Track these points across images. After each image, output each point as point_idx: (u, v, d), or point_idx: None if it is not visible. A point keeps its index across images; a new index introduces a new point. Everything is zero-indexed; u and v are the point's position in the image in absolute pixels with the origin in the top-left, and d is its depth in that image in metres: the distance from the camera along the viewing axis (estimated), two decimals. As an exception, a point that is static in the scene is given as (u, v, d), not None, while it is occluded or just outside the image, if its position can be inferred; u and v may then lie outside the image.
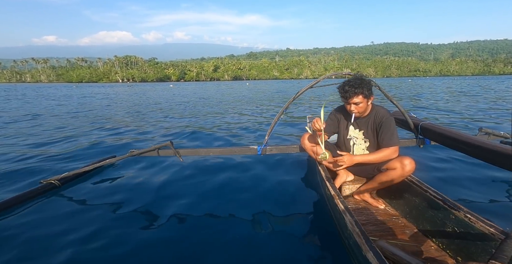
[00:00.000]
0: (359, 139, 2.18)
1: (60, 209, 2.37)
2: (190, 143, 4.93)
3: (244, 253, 1.79)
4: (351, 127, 2.20)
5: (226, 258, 1.75)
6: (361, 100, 1.97)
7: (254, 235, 1.99)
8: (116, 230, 2.05)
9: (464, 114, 7.83)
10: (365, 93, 1.95)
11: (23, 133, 5.93)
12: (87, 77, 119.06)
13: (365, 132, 2.15)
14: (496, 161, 1.80)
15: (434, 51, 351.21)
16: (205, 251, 1.81)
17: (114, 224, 2.15)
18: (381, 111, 2.10)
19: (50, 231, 2.03)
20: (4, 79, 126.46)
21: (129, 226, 2.12)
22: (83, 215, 2.27)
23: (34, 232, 2.01)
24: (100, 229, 2.05)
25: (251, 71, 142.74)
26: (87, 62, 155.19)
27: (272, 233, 2.01)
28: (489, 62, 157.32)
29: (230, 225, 2.13)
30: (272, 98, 16.02)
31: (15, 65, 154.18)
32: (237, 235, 1.98)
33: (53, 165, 3.54)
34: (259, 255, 1.77)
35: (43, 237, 1.96)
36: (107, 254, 1.79)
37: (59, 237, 1.96)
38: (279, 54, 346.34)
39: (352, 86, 1.94)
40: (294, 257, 1.75)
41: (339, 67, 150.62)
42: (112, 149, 4.29)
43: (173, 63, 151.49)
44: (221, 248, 1.84)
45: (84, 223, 2.14)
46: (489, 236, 1.40)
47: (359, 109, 2.01)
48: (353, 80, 1.98)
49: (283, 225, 2.11)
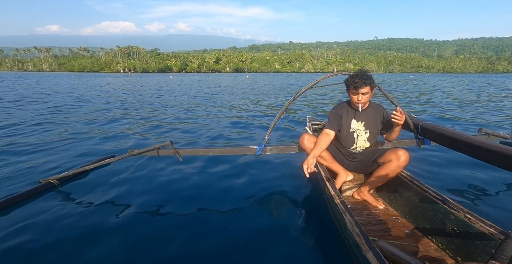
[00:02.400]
0: (361, 130, 2.32)
1: (59, 208, 2.35)
2: (189, 142, 4.90)
3: (243, 253, 1.80)
4: (353, 120, 2.32)
5: (226, 257, 1.76)
6: (368, 91, 2.15)
7: (253, 235, 1.99)
8: (116, 229, 2.05)
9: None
10: (371, 84, 2.16)
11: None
12: (89, 66, 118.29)
13: (366, 124, 2.30)
14: (496, 162, 1.80)
15: (438, 48, 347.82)
16: (205, 251, 1.81)
17: (114, 223, 2.14)
18: (378, 105, 2.37)
19: (49, 231, 2.02)
20: (5, 67, 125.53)
21: (128, 225, 2.12)
22: (82, 215, 2.26)
23: (34, 232, 2.01)
24: (100, 228, 2.05)
25: (253, 63, 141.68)
26: (89, 51, 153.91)
27: (272, 233, 2.01)
28: (493, 60, 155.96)
29: (230, 225, 2.13)
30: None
31: (18, 53, 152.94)
32: (236, 235, 1.98)
33: (51, 164, 3.49)
34: (258, 254, 1.78)
35: (43, 237, 1.95)
36: (107, 253, 1.79)
37: (58, 236, 1.95)
38: (282, 47, 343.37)
39: (361, 78, 2.11)
40: (294, 257, 1.76)
41: (341, 61, 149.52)
42: (112, 149, 4.22)
43: (175, 54, 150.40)
44: (221, 248, 1.84)
45: (83, 223, 2.14)
46: (489, 236, 1.41)
47: (365, 100, 2.18)
48: (360, 73, 2.16)
49: (283, 225, 2.11)
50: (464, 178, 2.99)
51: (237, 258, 1.76)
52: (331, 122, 2.34)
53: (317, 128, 3.19)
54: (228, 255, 1.78)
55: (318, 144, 2.26)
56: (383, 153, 2.16)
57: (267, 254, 1.77)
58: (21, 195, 2.48)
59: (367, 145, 2.33)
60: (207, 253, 1.80)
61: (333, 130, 2.31)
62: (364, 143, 2.33)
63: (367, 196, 2.21)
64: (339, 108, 2.38)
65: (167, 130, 5.72)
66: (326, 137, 2.28)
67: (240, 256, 1.77)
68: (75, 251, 1.81)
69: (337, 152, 2.42)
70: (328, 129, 2.31)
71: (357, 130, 2.32)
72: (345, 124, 2.33)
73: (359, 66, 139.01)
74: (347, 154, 2.39)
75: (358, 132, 2.32)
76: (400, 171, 2.11)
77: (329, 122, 2.35)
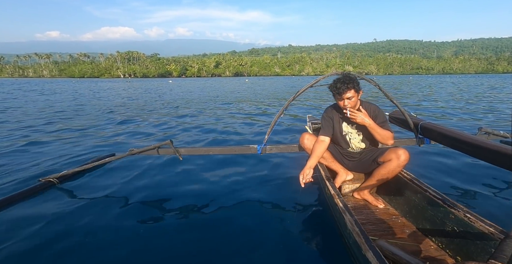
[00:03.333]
0: (353, 133, 2.31)
1: (58, 207, 2.37)
2: (189, 142, 4.92)
3: (243, 252, 1.80)
4: (344, 123, 2.31)
5: (226, 257, 1.76)
6: (353, 95, 2.10)
7: (253, 234, 2.00)
8: (115, 228, 2.06)
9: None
10: (355, 87, 2.11)
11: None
12: (89, 72, 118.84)
13: (357, 126, 2.27)
14: (496, 161, 1.80)
15: (437, 49, 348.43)
16: (204, 251, 1.82)
17: (113, 222, 2.15)
18: (370, 105, 2.28)
19: (49, 229, 2.03)
20: (6, 74, 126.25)
21: (127, 224, 2.13)
22: (82, 214, 2.26)
23: (33, 230, 2.01)
24: (99, 228, 2.06)
25: (253, 67, 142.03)
26: (89, 57, 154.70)
27: (272, 232, 2.02)
28: (493, 60, 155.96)
29: (229, 224, 2.13)
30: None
31: (18, 60, 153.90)
32: (236, 235, 1.98)
33: (51, 163, 3.52)
34: (258, 254, 1.78)
35: (42, 235, 1.96)
36: (105, 251, 1.80)
37: (58, 235, 1.96)
38: (281, 50, 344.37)
39: (344, 83, 2.08)
40: (294, 256, 1.76)
41: (341, 64, 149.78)
42: (112, 148, 4.27)
43: (175, 59, 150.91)
44: (220, 248, 1.85)
45: (82, 221, 2.14)
46: (489, 236, 1.41)
47: (352, 104, 2.14)
48: (342, 78, 2.12)
49: (283, 224, 2.11)
50: (464, 177, 2.98)
51: (237, 257, 1.76)
52: (323, 128, 2.33)
53: (317, 127, 3.18)
54: (227, 254, 1.78)
55: (314, 152, 2.23)
56: (383, 153, 2.15)
57: (267, 253, 1.78)
58: (21, 193, 2.49)
59: (362, 146, 2.32)
60: (206, 252, 1.80)
61: (327, 135, 2.30)
62: (359, 144, 2.32)
63: (367, 196, 2.21)
64: (330, 111, 2.37)
65: (166, 130, 5.77)
66: (321, 144, 2.26)
67: (239, 256, 1.77)
68: (75, 250, 1.82)
69: (337, 152, 2.42)
70: (322, 136, 2.29)
71: (349, 133, 2.32)
72: (336, 126, 2.33)
73: (358, 68, 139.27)
74: (346, 154, 2.39)
75: (350, 135, 2.32)
76: (400, 170, 2.10)
77: (322, 128, 2.34)
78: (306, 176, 2.05)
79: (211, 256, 1.77)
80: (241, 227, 2.09)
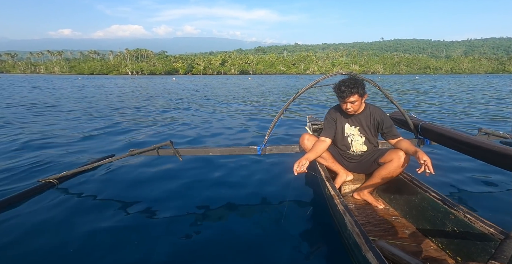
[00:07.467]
0: (355, 135, 2.30)
1: (58, 208, 2.37)
2: (189, 142, 4.92)
3: (243, 253, 1.81)
4: (346, 125, 2.31)
5: (226, 257, 1.77)
6: (356, 99, 2.10)
7: (253, 235, 2.00)
8: (115, 229, 2.07)
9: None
10: (360, 92, 2.09)
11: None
12: (98, 69, 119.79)
13: (360, 128, 2.28)
14: (495, 161, 1.80)
15: (446, 48, 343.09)
16: (204, 251, 1.83)
17: (113, 222, 2.16)
18: (376, 109, 2.28)
19: (48, 230, 2.04)
20: (19, 70, 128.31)
21: (128, 224, 2.14)
22: (82, 215, 2.27)
23: (32, 231, 2.02)
24: (99, 229, 2.07)
25: (258, 65, 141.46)
26: (99, 54, 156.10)
27: (272, 232, 2.03)
28: (504, 60, 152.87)
29: (229, 225, 2.14)
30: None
31: (31, 57, 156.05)
32: (237, 235, 1.99)
33: (52, 163, 3.53)
34: (259, 255, 1.79)
35: (41, 236, 1.97)
36: (105, 252, 1.81)
37: (57, 235, 1.98)
38: (287, 49, 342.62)
39: (348, 86, 2.06)
40: (294, 257, 1.77)
41: (347, 63, 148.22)
42: (112, 148, 4.27)
43: (182, 56, 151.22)
44: (220, 248, 1.86)
45: (82, 222, 2.15)
46: (489, 236, 1.41)
47: (354, 108, 2.15)
48: (348, 80, 2.10)
49: (283, 224, 2.12)
50: (464, 178, 2.97)
51: (237, 257, 1.77)
52: (325, 129, 2.33)
53: (317, 128, 3.19)
54: (227, 255, 1.80)
55: (314, 148, 2.24)
56: (384, 153, 2.14)
57: (267, 254, 1.79)
58: (20, 194, 2.48)
59: (364, 149, 2.31)
60: (206, 253, 1.81)
61: (328, 137, 2.30)
62: (361, 147, 2.31)
63: (367, 196, 2.21)
64: (333, 112, 2.37)
65: (167, 130, 5.77)
66: (322, 144, 2.27)
67: (240, 256, 1.78)
68: (75, 251, 1.82)
69: (337, 153, 2.42)
70: (323, 137, 2.30)
71: (351, 135, 2.31)
72: (339, 127, 2.32)
73: (365, 67, 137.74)
74: (346, 155, 2.39)
75: (352, 137, 2.31)
76: (400, 171, 2.09)
77: (324, 129, 2.35)
78: (301, 165, 2.03)
79: (211, 256, 1.79)
80: (241, 228, 2.09)
